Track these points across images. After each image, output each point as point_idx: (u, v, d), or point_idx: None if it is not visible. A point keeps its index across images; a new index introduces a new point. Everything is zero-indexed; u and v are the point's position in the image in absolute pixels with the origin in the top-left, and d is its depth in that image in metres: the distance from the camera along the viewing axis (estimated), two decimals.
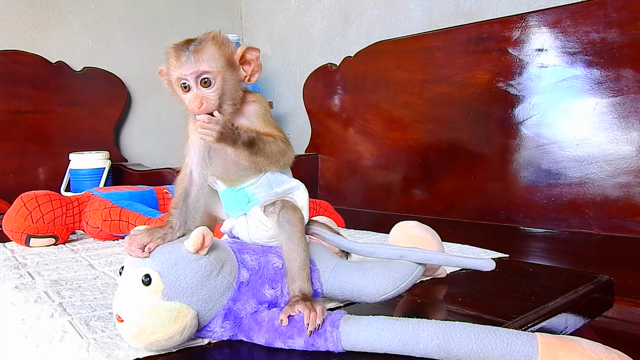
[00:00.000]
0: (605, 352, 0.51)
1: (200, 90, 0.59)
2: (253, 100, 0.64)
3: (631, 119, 1.36)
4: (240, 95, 0.62)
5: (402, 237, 0.81)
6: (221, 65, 0.59)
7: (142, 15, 2.37)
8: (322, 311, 0.57)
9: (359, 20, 2.16)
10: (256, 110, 0.63)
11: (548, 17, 1.51)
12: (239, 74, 0.62)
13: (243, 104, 0.63)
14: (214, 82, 0.59)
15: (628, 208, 1.35)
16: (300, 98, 2.27)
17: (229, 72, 0.60)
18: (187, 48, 0.59)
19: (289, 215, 0.63)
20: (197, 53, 0.58)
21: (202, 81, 0.59)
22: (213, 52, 0.59)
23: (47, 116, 2.08)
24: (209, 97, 0.59)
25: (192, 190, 0.63)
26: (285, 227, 0.63)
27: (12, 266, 1.01)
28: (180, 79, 0.59)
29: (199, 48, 0.59)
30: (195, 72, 0.58)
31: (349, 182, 2.08)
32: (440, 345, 0.53)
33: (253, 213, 0.65)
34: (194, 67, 0.58)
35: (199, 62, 0.58)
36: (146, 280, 0.54)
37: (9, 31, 2.04)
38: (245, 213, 0.65)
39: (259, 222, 0.64)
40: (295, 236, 0.63)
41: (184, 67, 0.58)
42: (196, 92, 0.59)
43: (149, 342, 0.55)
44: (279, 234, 0.63)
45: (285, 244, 0.63)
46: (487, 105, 1.65)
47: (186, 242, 0.56)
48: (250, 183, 0.64)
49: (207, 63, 0.58)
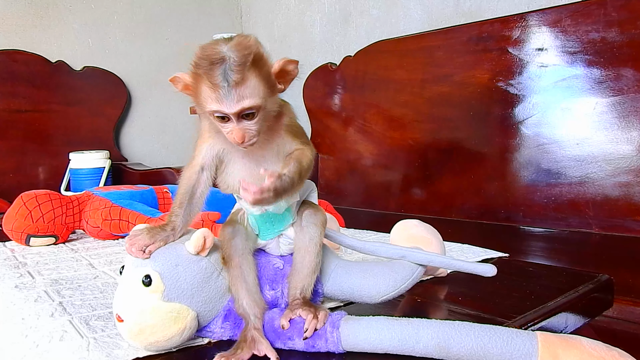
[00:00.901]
0: (606, 350, 0.51)
1: (241, 123, 0.53)
2: (284, 112, 0.59)
3: (631, 119, 1.36)
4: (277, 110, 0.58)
5: (404, 236, 0.81)
6: (264, 94, 0.53)
7: (142, 15, 2.37)
8: (324, 318, 0.56)
9: (359, 20, 2.16)
10: (287, 122, 0.60)
11: (548, 16, 1.51)
12: (276, 89, 0.56)
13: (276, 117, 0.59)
14: (256, 115, 0.53)
15: (628, 207, 1.35)
16: (300, 97, 2.27)
17: (269, 98, 0.54)
18: (224, 76, 0.50)
19: (315, 218, 0.62)
20: (238, 87, 0.51)
21: (243, 116, 0.53)
22: (256, 83, 0.52)
23: (47, 115, 2.08)
24: (251, 129, 0.53)
25: (198, 190, 0.61)
26: (310, 229, 0.61)
27: (12, 265, 1.01)
28: (219, 112, 0.53)
29: (239, 80, 0.51)
30: (238, 107, 0.52)
31: (348, 181, 2.08)
32: (440, 345, 0.53)
33: (288, 232, 0.63)
34: (238, 105, 0.51)
35: (242, 100, 0.51)
36: (147, 281, 0.54)
37: (9, 30, 2.04)
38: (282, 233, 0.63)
39: (291, 239, 0.63)
40: (318, 239, 0.61)
41: (225, 104, 0.51)
42: (237, 126, 0.53)
43: (149, 342, 0.55)
44: (301, 234, 0.62)
45: (304, 245, 0.61)
46: (487, 105, 1.65)
47: (187, 244, 0.56)
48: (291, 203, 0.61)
49: (251, 99, 0.52)
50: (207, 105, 0.53)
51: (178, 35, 2.46)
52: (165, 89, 2.54)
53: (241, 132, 0.53)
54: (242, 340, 0.55)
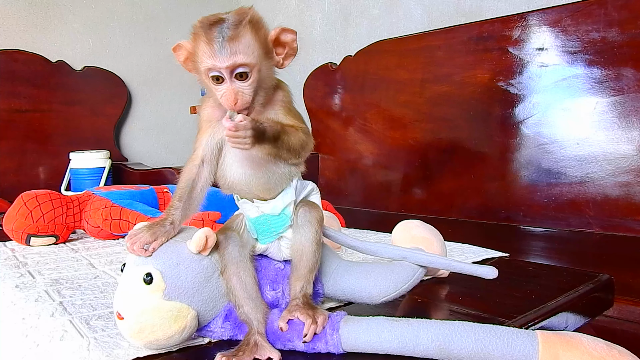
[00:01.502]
0: (606, 349, 0.51)
1: (234, 83, 0.53)
2: (280, 88, 0.59)
3: (631, 118, 1.35)
4: (273, 83, 0.58)
5: (405, 237, 0.81)
6: (258, 55, 0.54)
7: (142, 15, 2.37)
8: (323, 322, 0.56)
9: (359, 20, 2.16)
10: (282, 99, 0.59)
11: (548, 16, 1.51)
12: (273, 59, 0.57)
13: (271, 92, 0.58)
14: (250, 75, 0.53)
15: (628, 207, 1.34)
16: (301, 97, 2.26)
17: (265, 61, 0.55)
18: (221, 32, 0.52)
19: (311, 215, 0.61)
20: (232, 42, 0.52)
21: (237, 74, 0.53)
22: (250, 40, 0.53)
23: (48, 115, 2.08)
24: (245, 92, 0.54)
25: (199, 184, 0.60)
26: (306, 227, 0.60)
27: (13, 265, 1.01)
28: (213, 70, 0.53)
29: (234, 35, 0.52)
30: (231, 62, 0.52)
31: (349, 181, 2.08)
32: (440, 347, 0.53)
33: (287, 234, 0.62)
34: (230, 59, 0.52)
35: (235, 54, 0.52)
36: (148, 279, 0.54)
37: (9, 30, 2.04)
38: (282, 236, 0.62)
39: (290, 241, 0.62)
40: (315, 237, 0.60)
41: (218, 59, 0.52)
42: (231, 86, 0.53)
43: (149, 340, 0.55)
44: (297, 232, 0.61)
45: (301, 244, 0.60)
46: (488, 105, 1.65)
47: (189, 243, 0.56)
48: (288, 203, 0.60)
49: (245, 55, 0.52)
50: (202, 63, 0.53)
51: (178, 35, 2.45)
52: (166, 88, 2.55)
53: (234, 93, 0.53)
54: (245, 344, 0.54)
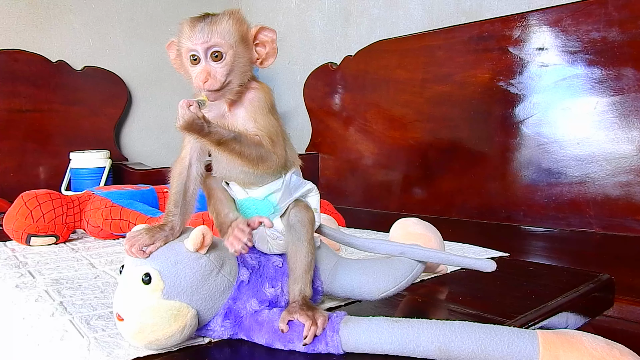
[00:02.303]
0: (607, 349, 0.51)
1: (209, 63, 0.57)
2: (255, 88, 0.60)
3: (632, 118, 1.35)
4: (248, 77, 0.60)
5: (403, 234, 0.81)
6: (234, 40, 0.58)
7: (142, 14, 2.37)
8: (323, 323, 0.56)
9: (360, 19, 2.16)
10: (255, 99, 0.60)
11: (549, 16, 1.51)
12: (251, 53, 0.60)
13: (245, 90, 0.60)
14: (224, 57, 0.57)
15: (628, 207, 1.34)
16: (301, 97, 2.26)
17: (241, 49, 0.58)
18: (203, 20, 0.58)
19: (301, 215, 0.61)
20: (211, 25, 0.57)
21: (212, 54, 0.57)
22: (227, 27, 0.58)
23: (48, 115, 2.08)
24: (217, 73, 0.57)
25: (190, 187, 0.62)
26: (296, 228, 0.61)
27: (13, 265, 1.01)
28: (191, 49, 0.58)
29: (214, 20, 0.58)
30: (206, 42, 0.57)
31: (349, 181, 2.08)
32: (441, 348, 0.53)
33: (276, 223, 0.62)
34: (206, 37, 0.57)
35: (212, 34, 0.57)
36: (146, 279, 0.54)
37: (9, 30, 2.04)
38: None
39: (280, 233, 0.62)
40: (305, 238, 0.61)
41: (196, 37, 0.57)
42: (205, 65, 0.57)
43: (149, 340, 0.55)
44: (288, 233, 0.61)
45: (293, 244, 0.61)
46: (488, 104, 1.65)
47: (186, 241, 0.56)
48: (273, 190, 0.61)
49: (220, 36, 0.57)
50: (182, 45, 0.59)
51: None
52: (166, 88, 2.55)
53: (206, 71, 0.57)
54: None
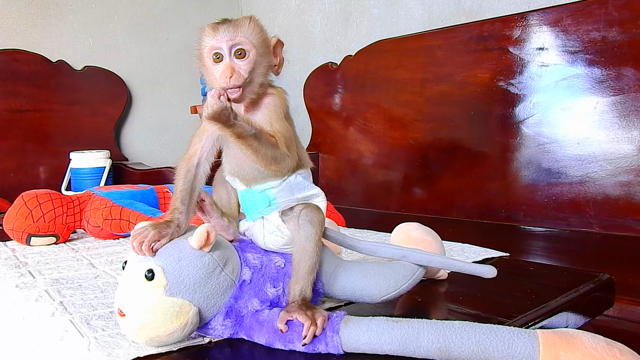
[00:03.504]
0: (607, 348, 0.51)
1: (233, 60, 0.59)
2: (272, 93, 0.62)
3: (632, 118, 1.35)
4: (267, 82, 0.62)
5: (404, 239, 0.81)
6: (257, 41, 0.60)
7: (142, 14, 2.37)
8: (323, 323, 0.56)
9: (360, 19, 2.16)
10: (272, 103, 0.62)
11: (549, 16, 1.51)
12: (270, 58, 0.62)
13: (263, 94, 0.62)
14: (248, 55, 0.59)
15: (629, 207, 1.34)
16: (301, 97, 2.27)
17: (262, 51, 0.60)
18: (225, 21, 0.60)
19: (312, 215, 0.61)
20: (235, 25, 0.59)
21: (236, 52, 0.58)
22: (250, 29, 0.59)
23: (48, 115, 2.08)
24: (241, 69, 0.58)
25: (197, 185, 0.62)
26: (306, 227, 0.61)
27: (13, 265, 1.01)
28: (215, 47, 0.59)
29: (237, 22, 0.59)
30: (231, 39, 0.58)
31: (349, 180, 2.08)
32: (441, 348, 0.53)
33: (271, 218, 0.63)
34: (231, 35, 0.58)
35: (236, 32, 0.58)
36: (149, 276, 0.54)
37: (9, 30, 2.04)
38: (263, 217, 0.63)
39: (276, 227, 0.62)
40: (313, 238, 0.61)
41: (220, 36, 0.58)
42: (229, 61, 0.58)
43: (150, 337, 0.55)
44: (297, 232, 0.61)
45: (300, 244, 0.61)
46: (488, 104, 1.65)
47: (191, 239, 0.56)
48: (272, 186, 0.62)
49: (244, 35, 0.59)
50: (205, 45, 0.59)
51: (178, 35, 2.46)
52: (166, 88, 2.55)
53: (230, 67, 0.58)
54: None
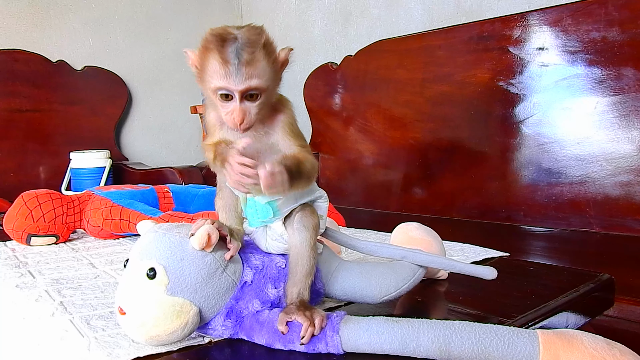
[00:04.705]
0: (607, 348, 0.51)
1: (243, 104, 0.54)
2: (281, 110, 0.59)
3: (632, 118, 1.35)
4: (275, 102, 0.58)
5: (404, 239, 0.81)
6: (270, 78, 0.55)
7: (142, 14, 2.37)
8: (322, 323, 0.56)
9: (360, 19, 2.16)
10: (285, 120, 0.59)
11: (549, 15, 1.51)
12: (279, 78, 0.58)
13: (273, 111, 0.59)
14: (260, 96, 0.54)
15: (629, 207, 1.34)
16: (301, 97, 2.26)
17: (273, 81, 0.56)
18: (236, 54, 0.52)
19: (306, 220, 0.61)
20: (248, 66, 0.52)
21: (248, 95, 0.54)
22: (265, 65, 0.53)
23: (48, 115, 2.08)
24: (252, 111, 0.54)
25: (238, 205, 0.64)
26: (301, 232, 0.61)
27: (13, 265, 1.01)
28: (224, 89, 0.53)
29: (250, 59, 0.52)
30: (244, 83, 0.52)
31: (349, 180, 2.08)
32: (441, 348, 0.53)
33: (274, 226, 0.63)
34: (245, 83, 0.52)
35: (250, 78, 0.52)
36: (151, 274, 0.54)
37: (9, 30, 2.04)
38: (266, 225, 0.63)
39: (279, 235, 0.62)
40: (308, 243, 0.61)
41: (233, 80, 0.52)
42: (239, 105, 0.54)
43: (150, 336, 0.55)
44: (292, 236, 0.61)
45: (295, 247, 0.61)
46: (488, 104, 1.65)
47: (192, 239, 0.56)
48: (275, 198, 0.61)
49: (259, 79, 0.53)
50: (213, 82, 0.53)
51: (178, 34, 2.46)
52: (166, 88, 2.55)
53: (242, 113, 0.54)
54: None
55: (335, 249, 0.86)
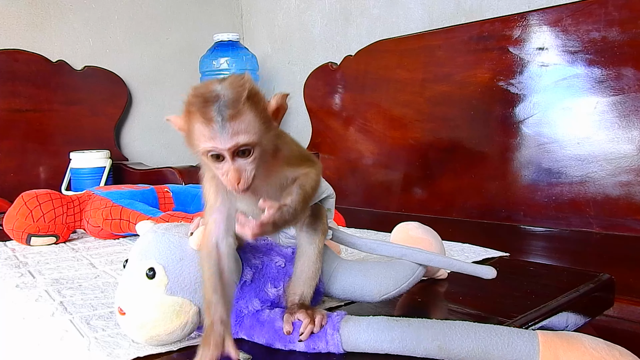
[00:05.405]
0: (607, 350, 0.51)
1: (236, 162, 0.50)
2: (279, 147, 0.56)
3: (632, 118, 1.35)
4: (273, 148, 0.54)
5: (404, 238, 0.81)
6: (259, 131, 0.50)
7: (142, 14, 2.37)
8: (321, 321, 0.56)
9: (360, 19, 2.16)
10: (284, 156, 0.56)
11: (549, 15, 1.51)
12: (273, 126, 0.53)
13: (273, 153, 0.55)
14: (252, 152, 0.50)
15: (629, 207, 1.34)
16: (301, 97, 2.26)
17: (266, 135, 0.51)
18: (219, 112, 0.48)
19: (316, 224, 0.61)
20: (233, 121, 0.48)
21: (239, 152, 0.49)
22: (251, 118, 0.49)
23: (48, 115, 2.08)
24: (247, 169, 0.50)
25: (225, 265, 0.55)
26: (310, 234, 0.61)
27: (13, 265, 1.01)
28: (211, 150, 0.49)
29: (234, 114, 0.48)
30: (234, 146, 0.48)
31: (349, 180, 2.08)
32: (441, 347, 0.53)
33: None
34: (232, 140, 0.48)
35: (237, 135, 0.48)
36: (150, 274, 0.54)
37: (9, 30, 2.04)
38: None
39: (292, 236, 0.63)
40: (317, 246, 0.61)
41: (219, 140, 0.48)
42: (232, 165, 0.49)
43: (150, 336, 0.55)
44: (300, 238, 0.62)
45: (304, 248, 0.61)
46: (488, 104, 1.65)
47: (190, 240, 0.56)
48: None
49: (246, 134, 0.49)
50: (200, 144, 0.49)
51: (178, 35, 2.46)
52: (166, 88, 2.55)
53: (237, 173, 0.50)
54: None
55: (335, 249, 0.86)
